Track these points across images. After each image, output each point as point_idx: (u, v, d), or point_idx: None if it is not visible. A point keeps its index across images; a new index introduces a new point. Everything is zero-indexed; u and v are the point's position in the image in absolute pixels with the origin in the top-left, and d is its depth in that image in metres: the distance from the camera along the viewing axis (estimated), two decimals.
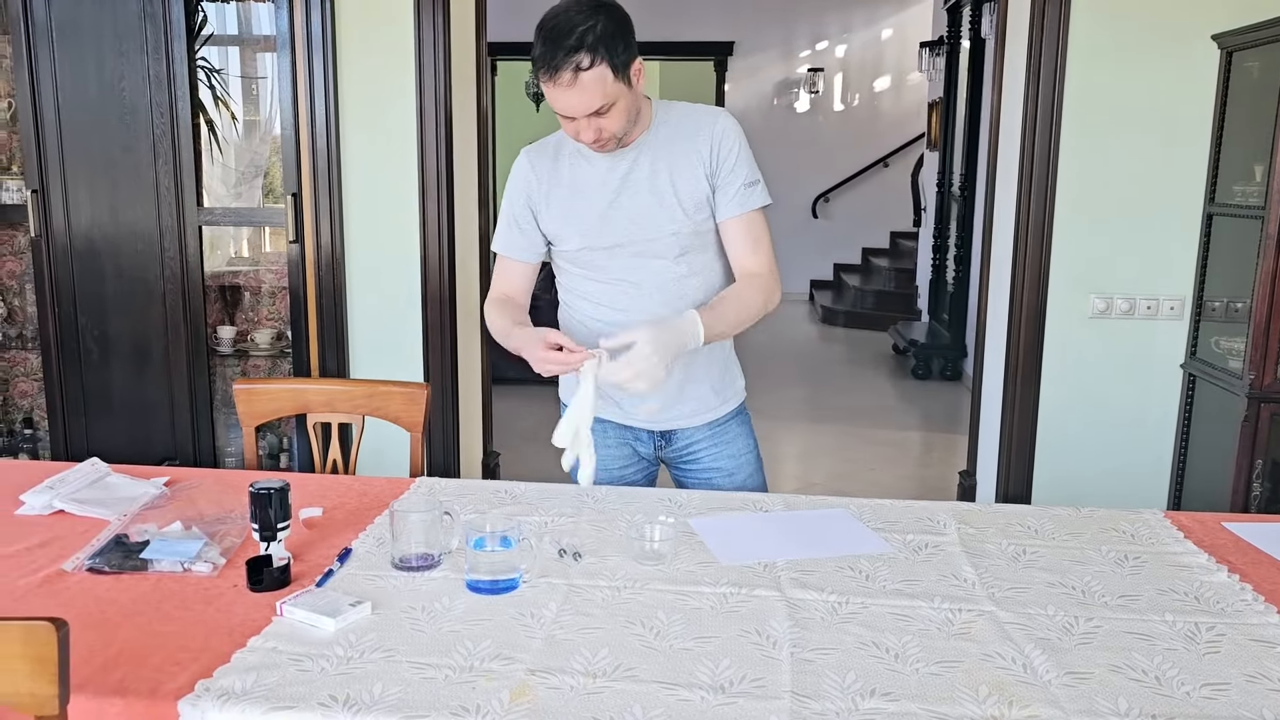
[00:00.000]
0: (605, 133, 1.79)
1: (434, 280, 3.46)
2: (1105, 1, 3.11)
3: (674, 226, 1.89)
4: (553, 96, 1.75)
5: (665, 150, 1.88)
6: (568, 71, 1.69)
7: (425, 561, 1.58)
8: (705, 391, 2.03)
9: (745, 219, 1.90)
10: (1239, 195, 3.01)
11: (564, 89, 1.71)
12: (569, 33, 1.69)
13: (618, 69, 1.73)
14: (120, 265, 3.49)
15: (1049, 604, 1.47)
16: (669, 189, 1.87)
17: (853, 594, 1.49)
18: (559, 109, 1.76)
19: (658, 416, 2.03)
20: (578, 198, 1.91)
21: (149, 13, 3.32)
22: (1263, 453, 2.89)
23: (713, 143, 1.87)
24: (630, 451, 2.09)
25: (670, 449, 2.09)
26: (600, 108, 1.74)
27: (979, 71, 6.26)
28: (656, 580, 1.54)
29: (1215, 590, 1.52)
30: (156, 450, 3.56)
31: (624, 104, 1.77)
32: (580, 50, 1.68)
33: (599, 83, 1.71)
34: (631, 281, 1.92)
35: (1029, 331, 3.29)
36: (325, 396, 2.18)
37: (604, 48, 1.70)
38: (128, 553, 1.58)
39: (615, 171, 1.89)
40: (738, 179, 1.88)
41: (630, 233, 1.89)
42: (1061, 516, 1.83)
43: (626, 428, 2.06)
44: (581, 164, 1.92)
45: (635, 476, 2.11)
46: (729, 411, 2.09)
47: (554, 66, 1.69)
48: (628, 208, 1.89)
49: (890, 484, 4.63)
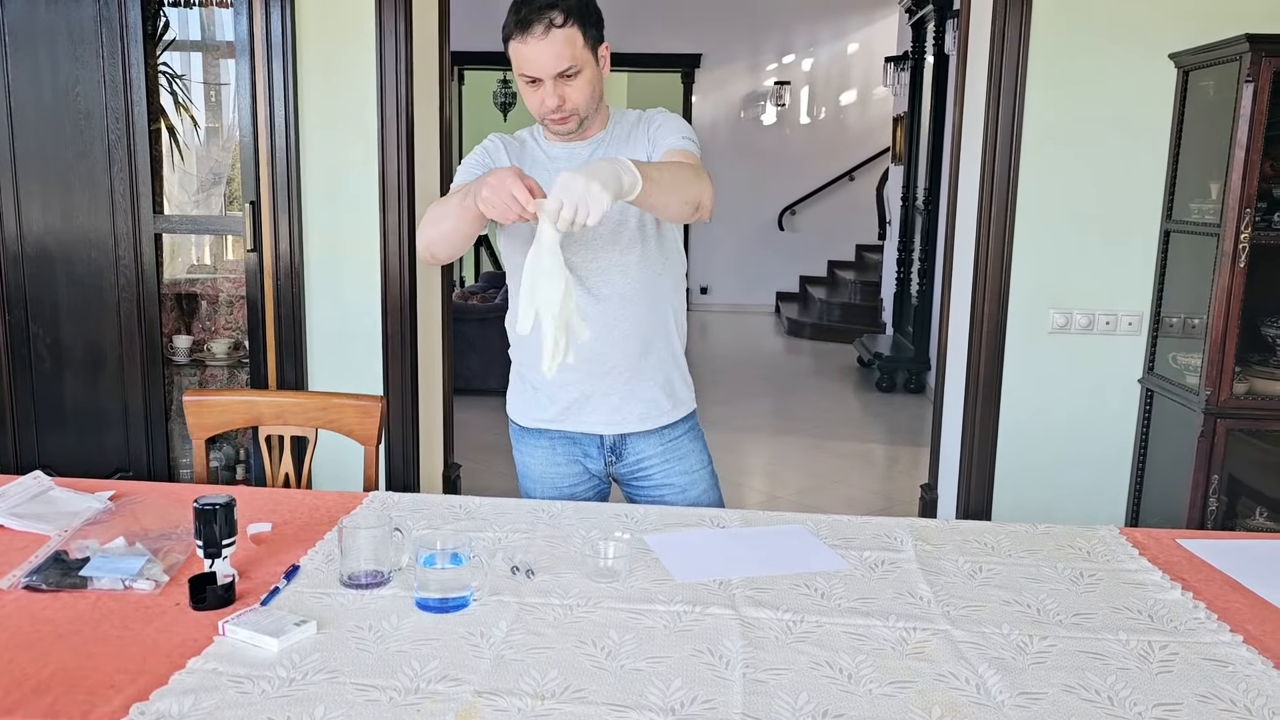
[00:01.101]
0: (569, 103, 1.81)
1: (394, 289, 3.43)
2: (1065, 20, 3.14)
3: (624, 213, 1.90)
4: (523, 55, 1.77)
5: (617, 147, 1.93)
6: (540, 25, 1.73)
7: (374, 579, 1.55)
8: (655, 392, 2.02)
9: (678, 151, 1.86)
10: (1195, 212, 3.05)
11: (535, 42, 1.74)
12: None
13: (588, 37, 1.79)
14: (74, 273, 3.42)
15: (1004, 622, 1.46)
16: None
17: (807, 612, 1.48)
18: (527, 69, 1.78)
19: (609, 420, 2.00)
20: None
21: (105, 17, 3.27)
22: (1219, 468, 2.91)
23: (649, 125, 1.93)
24: (580, 468, 2.07)
25: (621, 464, 2.07)
26: (569, 69, 1.77)
27: (942, 87, 6.31)
28: (609, 598, 1.52)
29: (1169, 608, 1.52)
30: (110, 462, 3.49)
31: (590, 75, 1.82)
32: (555, 8, 1.74)
33: (570, 43, 1.76)
34: (583, 274, 1.91)
35: (990, 346, 3.31)
36: (277, 409, 2.14)
37: (577, 13, 1.76)
38: (66, 570, 1.53)
39: (572, 163, 1.91)
40: (673, 135, 1.90)
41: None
42: (1019, 533, 1.83)
43: (575, 442, 2.04)
44: (541, 157, 1.95)
45: (586, 495, 2.09)
46: (680, 419, 2.07)
47: (527, 21, 1.74)
48: None
49: (856, 497, 4.64)
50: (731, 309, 10.00)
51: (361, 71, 3.33)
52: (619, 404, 1.97)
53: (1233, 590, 1.59)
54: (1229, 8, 3.04)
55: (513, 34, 1.77)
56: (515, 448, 2.11)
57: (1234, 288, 2.82)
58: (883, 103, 9.30)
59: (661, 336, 2.00)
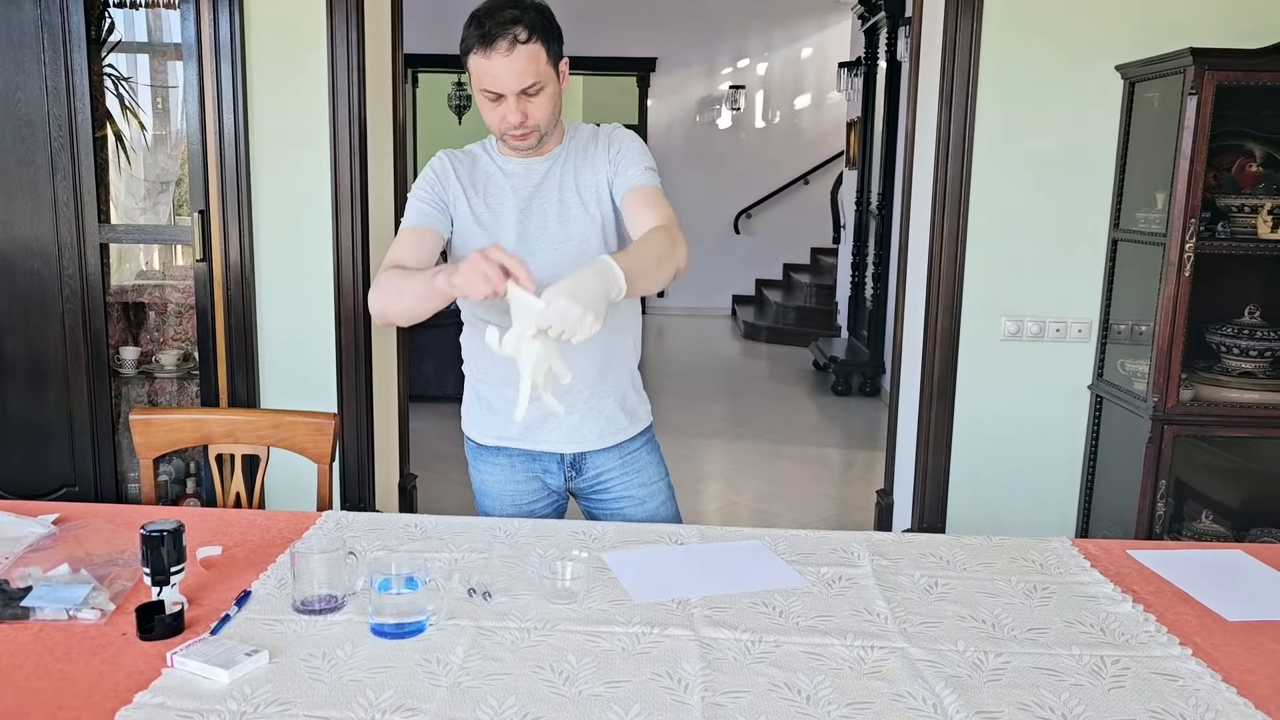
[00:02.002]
0: (531, 119, 1.80)
1: (348, 297, 3.38)
2: (1015, 30, 3.18)
3: (583, 234, 1.90)
4: (485, 70, 1.74)
5: (573, 162, 1.92)
6: (505, 41, 1.72)
7: (328, 604, 1.52)
8: (613, 409, 2.01)
9: (645, 190, 1.87)
10: (1142, 221, 3.10)
11: (500, 57, 1.73)
12: (506, 9, 1.73)
13: (551, 54, 1.78)
14: (15, 283, 3.33)
15: (959, 639, 1.47)
16: (575, 196, 1.91)
17: (765, 632, 1.48)
18: (490, 85, 1.76)
19: (569, 438, 1.99)
20: (491, 200, 1.92)
21: (46, 21, 3.19)
22: (1166, 473, 2.97)
23: (609, 144, 1.92)
24: (540, 485, 2.06)
25: (580, 479, 2.06)
26: (532, 86, 1.76)
27: (895, 92, 6.37)
28: (567, 620, 1.51)
29: (1120, 621, 1.54)
30: (54, 477, 3.41)
31: (551, 91, 1.81)
32: (519, 24, 1.73)
33: (533, 59, 1.74)
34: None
35: (943, 353, 3.34)
36: (228, 427, 2.10)
37: (540, 29, 1.75)
38: (7, 600, 1.49)
39: (529, 179, 1.91)
40: (635, 165, 1.89)
41: (540, 240, 1.89)
42: (973, 545, 1.84)
43: (535, 459, 2.03)
44: (496, 173, 1.93)
45: (545, 511, 2.08)
46: (638, 433, 2.07)
47: (490, 36, 1.72)
48: (537, 215, 1.90)
49: (812, 502, 4.66)
50: (687, 313, 10.02)
51: (313, 75, 3.29)
52: (579, 423, 1.96)
53: (1181, 602, 1.62)
54: (1174, 22, 3.10)
55: (474, 47, 1.74)
56: (472, 465, 2.09)
57: (1180, 296, 2.87)
58: (836, 107, 9.37)
59: (619, 356, 2.00)
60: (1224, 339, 3.04)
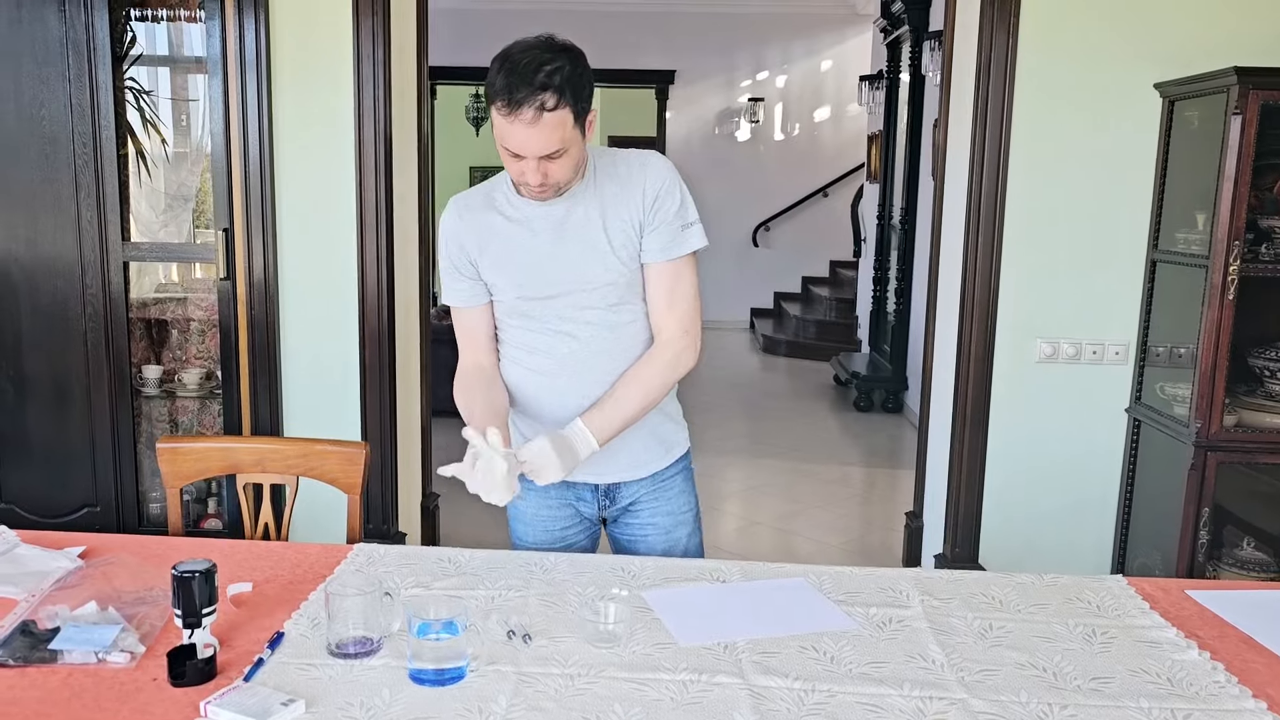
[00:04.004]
0: (551, 178, 1.72)
1: (372, 316, 3.34)
2: (1050, 48, 3.12)
3: (609, 276, 1.83)
4: (508, 132, 1.66)
5: (598, 199, 1.82)
6: (531, 109, 1.62)
7: (364, 647, 1.48)
8: (646, 441, 1.96)
9: (669, 267, 1.84)
10: (1181, 242, 3.04)
11: (524, 126, 1.64)
12: (536, 69, 1.62)
13: (578, 115, 1.68)
14: (38, 301, 3.31)
15: (1021, 689, 1.41)
16: (603, 237, 1.82)
17: (818, 680, 1.42)
18: (512, 145, 1.68)
19: (601, 469, 1.94)
20: (512, 247, 1.85)
21: (72, 38, 3.17)
22: (1209, 501, 2.89)
23: (645, 187, 1.82)
24: (573, 512, 2.01)
25: (614, 507, 2.02)
26: (555, 151, 1.68)
27: (919, 106, 6.31)
28: (612, 666, 1.45)
29: (1187, 670, 1.47)
30: (76, 497, 3.38)
31: (575, 152, 1.72)
32: (547, 90, 1.62)
33: (559, 126, 1.65)
34: (567, 332, 1.87)
35: (977, 375, 3.28)
36: (256, 456, 2.06)
37: (569, 90, 1.65)
38: (35, 642, 1.45)
39: (550, 220, 1.83)
40: (671, 221, 1.82)
41: (566, 282, 1.84)
42: (1025, 584, 1.78)
43: (569, 487, 1.99)
44: (513, 213, 1.85)
45: (578, 538, 2.03)
46: (673, 462, 2.02)
47: (517, 101, 1.62)
48: (562, 257, 1.83)
49: (835, 523, 4.60)
50: (706, 325, 9.87)
51: (338, 89, 3.25)
52: (611, 454, 1.90)
53: (1249, 648, 1.55)
54: (1212, 40, 3.04)
55: (497, 103, 1.64)
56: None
57: (1223, 320, 2.80)
58: (856, 119, 9.31)
59: None
60: (1268, 363, 2.97)
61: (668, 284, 1.84)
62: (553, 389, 1.89)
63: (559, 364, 1.87)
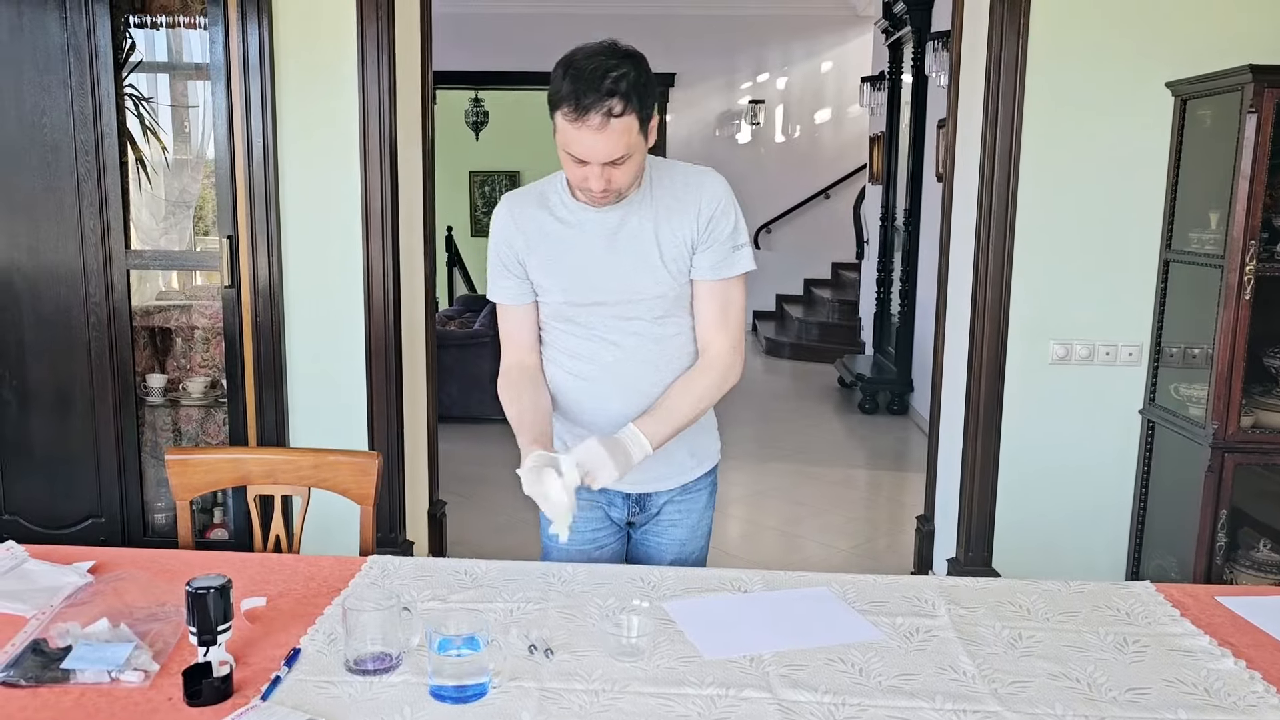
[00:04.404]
0: (614, 184, 1.71)
1: (378, 322, 3.31)
2: (1061, 48, 3.09)
3: (659, 289, 1.83)
4: (574, 139, 1.66)
5: (653, 210, 1.81)
6: (598, 115, 1.62)
7: (382, 663, 1.44)
8: (682, 455, 1.97)
9: (720, 285, 1.85)
10: (1195, 242, 3.01)
11: (591, 132, 1.63)
12: (604, 75, 1.62)
13: (643, 122, 1.68)
14: (41, 310, 3.28)
15: (1055, 701, 1.38)
16: (655, 250, 1.81)
17: (848, 693, 1.39)
18: (577, 152, 1.67)
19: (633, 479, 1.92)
20: (563, 250, 1.84)
21: (73, 44, 3.14)
22: (1227, 503, 2.87)
23: (701, 205, 1.81)
24: (602, 515, 2.00)
25: (643, 514, 2.01)
26: (620, 157, 1.67)
27: (922, 107, 6.29)
28: (636, 680, 1.42)
29: (1224, 680, 1.44)
30: (80, 508, 3.35)
31: (638, 158, 1.72)
32: (614, 96, 1.62)
33: (625, 132, 1.65)
34: (612, 340, 1.86)
35: (989, 377, 3.25)
36: (267, 467, 2.02)
37: (636, 97, 1.65)
38: (47, 662, 1.41)
39: (604, 227, 1.81)
40: (724, 241, 1.83)
41: (614, 291, 1.83)
42: (1052, 592, 1.75)
43: (601, 491, 1.96)
44: (567, 216, 1.83)
45: (608, 540, 2.02)
46: (703, 474, 2.03)
47: (584, 107, 1.62)
48: (613, 266, 1.82)
49: (844, 527, 4.57)
50: None
51: (342, 95, 3.22)
52: (644, 466, 1.88)
53: None
54: (1225, 39, 3.01)
55: (563, 109, 1.64)
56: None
57: (1240, 320, 2.78)
58: (857, 121, 9.29)
59: None
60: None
61: (719, 302, 1.85)
62: (594, 395, 1.88)
63: (602, 371, 1.87)
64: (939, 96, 5.75)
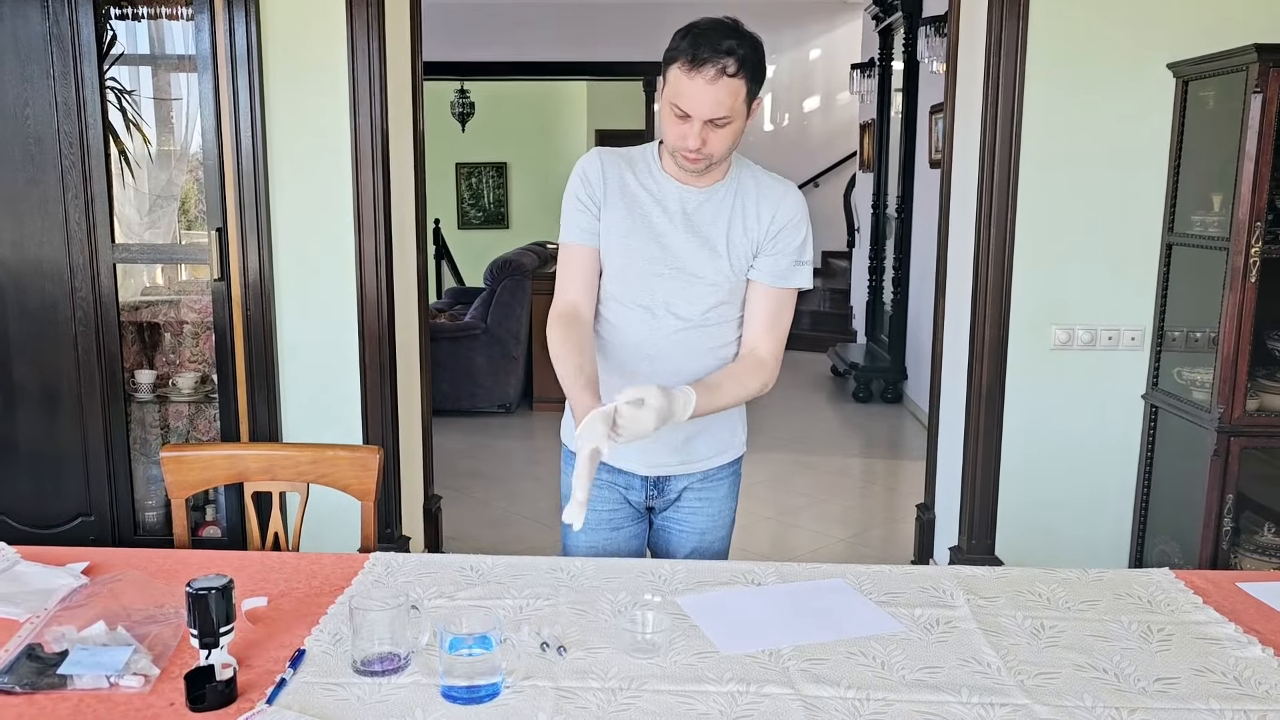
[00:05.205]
0: (708, 146, 1.73)
1: (371, 315, 3.26)
2: (1062, 30, 3.06)
3: (716, 278, 1.85)
4: (684, 89, 1.69)
5: (730, 203, 1.85)
6: (713, 68, 1.67)
7: (390, 664, 1.40)
8: (694, 440, 1.95)
9: (776, 293, 1.88)
10: (1198, 225, 2.98)
11: (704, 84, 1.68)
12: (725, 37, 1.70)
13: (751, 92, 1.73)
14: (26, 305, 3.21)
15: (1084, 693, 1.35)
16: (723, 240, 1.84)
17: (872, 688, 1.36)
18: (683, 104, 1.70)
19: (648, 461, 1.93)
20: (639, 213, 1.85)
21: (55, 35, 3.07)
22: (1233, 487, 2.84)
23: (777, 213, 1.86)
24: (620, 498, 1.98)
25: (662, 498, 1.99)
26: (724, 117, 1.70)
27: (913, 93, 6.25)
28: (653, 678, 1.38)
29: (1253, 669, 1.41)
30: (69, 506, 3.29)
31: (738, 127, 1.75)
32: (733, 55, 1.68)
33: (734, 93, 1.70)
34: (659, 316, 1.86)
35: (991, 364, 3.22)
36: (265, 463, 1.97)
37: (750, 65, 1.71)
38: (43, 667, 1.36)
39: (682, 204, 1.84)
40: (789, 253, 1.87)
41: (675, 268, 1.84)
42: (1071, 580, 1.72)
43: (618, 474, 1.96)
44: (651, 185, 1.85)
45: (624, 522, 1.99)
46: (724, 464, 2.00)
47: (702, 59, 1.68)
48: (681, 244, 1.84)
49: (841, 515, 4.54)
50: None
51: (332, 86, 3.16)
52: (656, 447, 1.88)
53: None
54: (1224, 19, 2.98)
55: (679, 60, 1.70)
56: (564, 469, 2.04)
57: (1245, 303, 2.75)
58: (846, 108, 9.24)
59: None
60: None
61: (772, 307, 1.89)
62: (626, 369, 1.87)
63: (640, 346, 1.87)
64: (931, 82, 5.72)
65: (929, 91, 5.87)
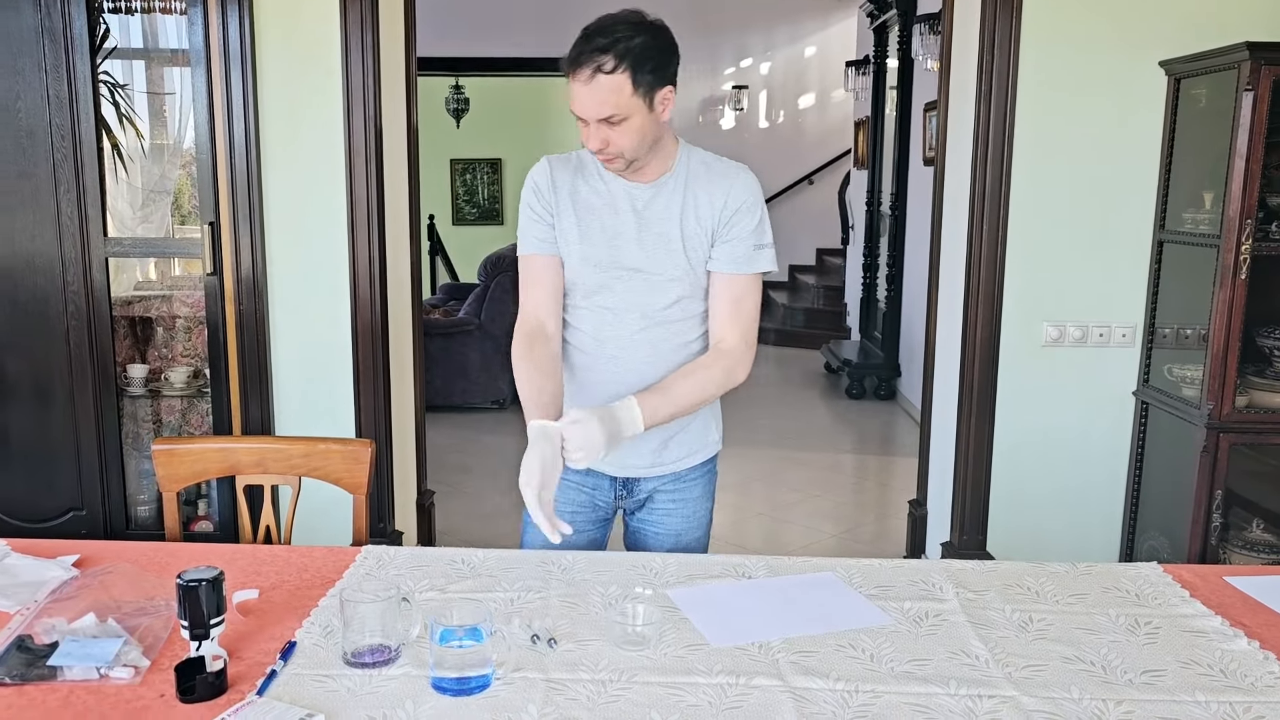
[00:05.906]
0: (612, 147, 1.72)
1: (364, 311, 3.26)
2: (1055, 27, 3.07)
3: (676, 273, 1.82)
4: (572, 94, 1.71)
5: (681, 196, 1.82)
6: (588, 69, 1.67)
7: (381, 656, 1.40)
8: (664, 443, 1.92)
9: (736, 280, 1.84)
10: (1189, 222, 2.99)
11: (580, 85, 1.69)
12: (603, 34, 1.68)
13: (639, 85, 1.69)
14: (17, 299, 3.20)
15: (1071, 685, 1.35)
16: (678, 233, 1.81)
17: (860, 680, 1.36)
18: (573, 107, 1.73)
19: (620, 463, 1.91)
20: (590, 217, 1.84)
21: (47, 27, 3.06)
22: (1222, 483, 2.86)
23: (728, 198, 1.82)
24: (587, 499, 1.96)
25: (631, 499, 1.97)
26: (611, 116, 1.69)
27: (908, 91, 6.26)
28: (644, 670, 1.39)
29: (1239, 661, 1.42)
30: (61, 501, 3.28)
31: (638, 123, 1.71)
32: (607, 53, 1.66)
33: (615, 91, 1.67)
34: (620, 316, 1.84)
35: (983, 361, 3.22)
36: (257, 456, 1.97)
37: (631, 59, 1.67)
38: (33, 659, 1.36)
39: (633, 202, 1.82)
40: (745, 238, 1.83)
41: (632, 267, 1.83)
42: (1059, 574, 1.73)
43: (587, 473, 1.94)
44: (600, 186, 1.84)
45: (586, 526, 1.96)
46: (696, 465, 1.97)
47: (577, 62, 1.68)
48: (635, 242, 1.82)
49: (833, 511, 4.55)
50: None
51: (326, 80, 3.16)
52: (627, 449, 1.84)
53: None
54: (1216, 17, 2.99)
55: (566, 66, 1.71)
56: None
57: (1235, 300, 2.77)
58: (841, 106, 9.25)
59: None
60: (1277, 343, 2.93)
61: (734, 296, 1.84)
62: (591, 369, 1.87)
63: (602, 345, 1.86)
64: (925, 80, 5.73)
65: (923, 89, 5.88)
